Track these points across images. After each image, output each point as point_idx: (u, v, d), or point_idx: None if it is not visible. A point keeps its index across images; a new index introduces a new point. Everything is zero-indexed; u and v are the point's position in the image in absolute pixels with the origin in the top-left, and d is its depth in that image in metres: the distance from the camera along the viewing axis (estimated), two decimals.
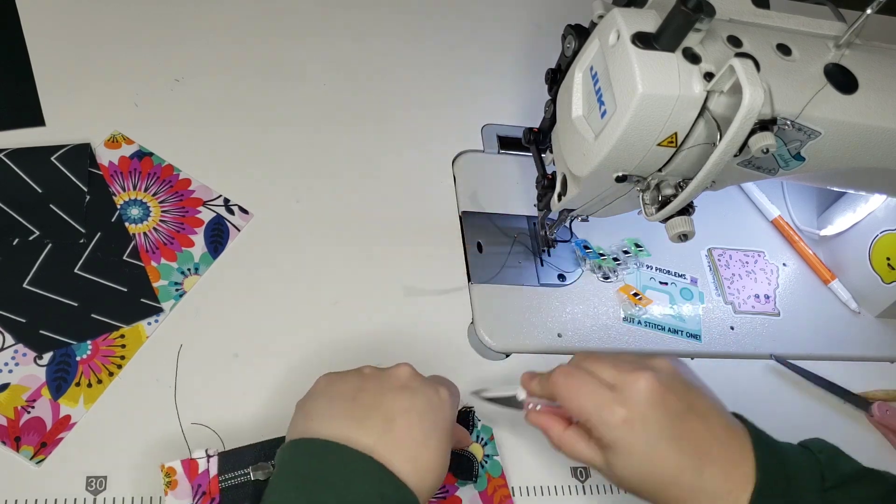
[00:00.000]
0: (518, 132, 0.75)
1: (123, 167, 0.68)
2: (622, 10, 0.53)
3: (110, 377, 0.58)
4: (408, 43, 0.85)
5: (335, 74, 0.80)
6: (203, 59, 0.77)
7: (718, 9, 0.53)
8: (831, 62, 0.56)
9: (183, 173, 0.69)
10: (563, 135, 0.61)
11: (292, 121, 0.76)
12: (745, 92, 0.48)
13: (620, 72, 0.52)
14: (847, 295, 0.80)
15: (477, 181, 0.77)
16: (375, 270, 0.69)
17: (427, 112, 0.80)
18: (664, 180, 0.56)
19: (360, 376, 0.52)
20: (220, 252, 0.66)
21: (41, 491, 0.53)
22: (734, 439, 0.51)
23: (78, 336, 0.59)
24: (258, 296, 0.65)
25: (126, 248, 0.64)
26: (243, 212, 0.68)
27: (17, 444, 0.55)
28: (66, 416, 0.56)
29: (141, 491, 0.55)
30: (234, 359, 0.62)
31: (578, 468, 0.63)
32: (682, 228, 0.57)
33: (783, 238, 0.83)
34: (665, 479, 0.50)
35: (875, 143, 0.57)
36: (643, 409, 0.50)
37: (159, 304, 0.62)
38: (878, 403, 0.72)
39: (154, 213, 0.67)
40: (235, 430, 0.58)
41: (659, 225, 0.58)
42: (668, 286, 0.75)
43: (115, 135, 0.69)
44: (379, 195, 0.73)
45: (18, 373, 0.57)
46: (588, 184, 0.59)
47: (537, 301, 0.71)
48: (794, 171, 0.58)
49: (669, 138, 0.53)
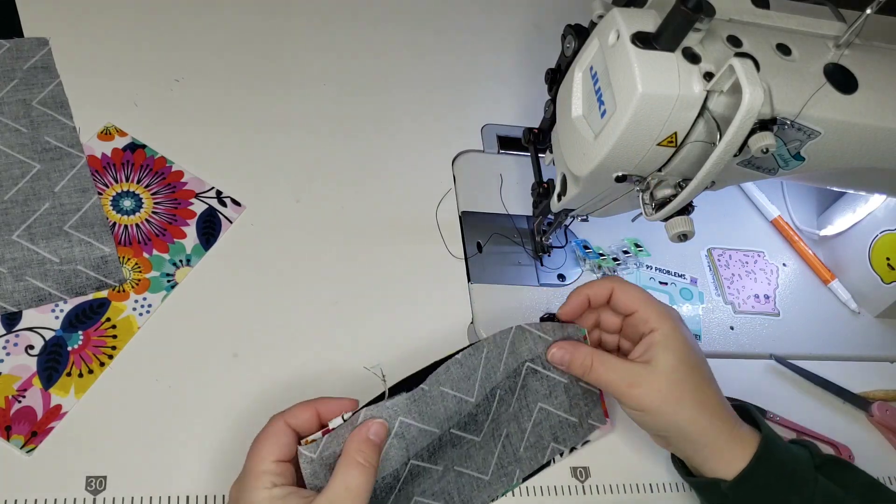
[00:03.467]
0: (518, 132, 0.75)
1: (116, 159, 0.68)
2: (622, 10, 0.53)
3: (101, 367, 0.59)
4: (408, 43, 0.85)
5: (335, 74, 0.80)
6: (203, 59, 0.77)
7: (718, 9, 0.53)
8: (831, 62, 0.56)
9: (175, 165, 0.69)
10: (562, 135, 0.61)
11: (292, 121, 0.76)
12: (744, 92, 0.48)
13: (620, 71, 0.52)
14: (847, 295, 0.80)
15: (477, 181, 0.77)
16: (375, 270, 0.69)
17: (427, 112, 0.80)
18: (664, 180, 0.56)
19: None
20: (213, 244, 0.66)
21: (41, 491, 0.53)
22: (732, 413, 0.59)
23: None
24: (250, 288, 0.65)
25: None
26: (236, 204, 0.69)
27: (7, 433, 0.55)
28: (56, 405, 0.57)
29: (141, 491, 0.55)
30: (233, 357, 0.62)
31: (578, 468, 0.63)
32: (681, 228, 0.57)
33: (783, 238, 0.83)
34: (686, 406, 0.55)
35: (875, 143, 0.57)
36: (682, 328, 0.58)
37: None
38: (878, 403, 0.72)
39: (146, 204, 0.67)
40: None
41: (658, 225, 0.58)
42: (667, 286, 0.75)
43: (108, 127, 0.70)
44: (379, 195, 0.73)
45: (9, 362, 0.58)
46: (588, 183, 0.59)
47: (537, 301, 0.71)
48: (794, 170, 0.58)
49: (669, 138, 0.53)
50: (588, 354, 0.58)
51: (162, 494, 0.55)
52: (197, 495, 0.55)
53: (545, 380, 0.61)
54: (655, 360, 0.56)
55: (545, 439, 0.62)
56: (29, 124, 0.67)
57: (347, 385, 0.63)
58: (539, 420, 0.61)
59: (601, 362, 0.57)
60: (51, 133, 0.67)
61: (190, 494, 0.55)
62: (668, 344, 0.56)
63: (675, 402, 0.55)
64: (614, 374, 0.57)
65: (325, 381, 0.62)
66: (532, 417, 0.61)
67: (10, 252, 0.61)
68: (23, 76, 0.70)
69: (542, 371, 0.61)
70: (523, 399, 0.61)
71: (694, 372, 0.56)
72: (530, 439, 0.61)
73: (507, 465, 0.61)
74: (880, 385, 0.75)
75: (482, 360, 0.57)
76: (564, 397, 0.62)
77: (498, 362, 0.58)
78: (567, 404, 0.62)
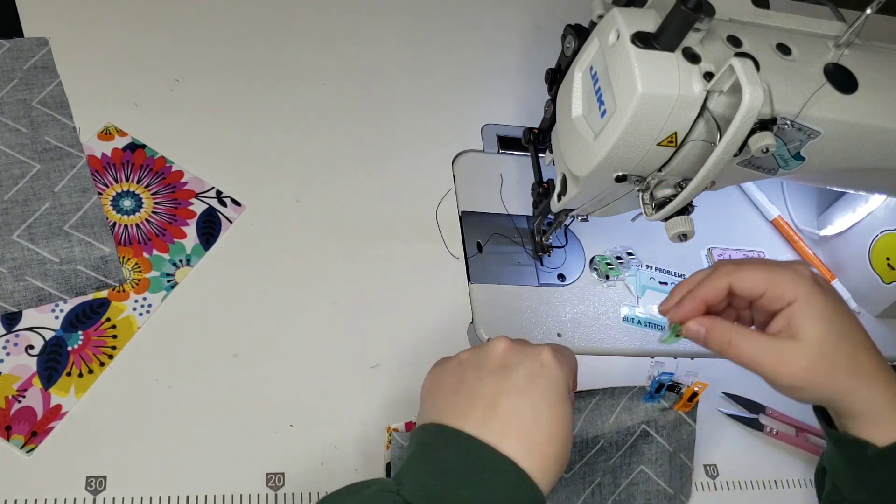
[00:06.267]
0: (518, 132, 0.75)
1: (116, 159, 0.68)
2: (622, 10, 0.53)
3: (101, 367, 0.59)
4: (408, 43, 0.85)
5: (335, 74, 0.80)
6: (203, 59, 0.77)
7: (718, 9, 0.53)
8: (831, 62, 0.56)
9: (175, 165, 0.69)
10: (562, 134, 0.61)
11: (292, 120, 0.76)
12: (744, 92, 0.48)
13: (620, 71, 0.52)
14: (847, 295, 0.80)
15: (477, 181, 0.77)
16: (375, 270, 0.69)
17: (427, 112, 0.80)
18: (664, 180, 0.56)
19: (459, 365, 0.50)
20: (213, 244, 0.66)
21: (41, 491, 0.53)
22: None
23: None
24: (250, 288, 0.65)
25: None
26: (236, 204, 0.69)
27: (7, 433, 0.55)
28: (56, 405, 0.57)
29: (141, 491, 0.55)
30: (233, 357, 0.62)
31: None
32: (681, 228, 0.57)
33: (783, 238, 0.83)
34: (840, 378, 0.51)
35: (875, 143, 0.57)
36: (821, 289, 0.52)
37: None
38: None
39: (146, 204, 0.67)
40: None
41: (658, 225, 0.58)
42: (668, 286, 0.75)
43: (108, 127, 0.70)
44: (379, 195, 0.73)
45: (10, 362, 0.58)
46: (588, 183, 0.59)
47: (537, 301, 0.71)
48: (794, 170, 0.58)
49: (669, 138, 0.53)
50: (727, 329, 0.52)
51: (162, 494, 0.55)
52: (197, 495, 0.55)
53: (655, 445, 0.61)
54: (800, 333, 0.51)
55: (637, 500, 0.61)
56: (29, 124, 0.67)
57: (348, 385, 0.63)
58: (636, 481, 0.61)
59: (742, 337, 0.52)
60: (51, 133, 0.67)
61: (190, 494, 0.55)
62: (811, 312, 0.51)
63: (828, 376, 0.51)
64: (757, 349, 0.52)
65: (325, 381, 0.62)
66: (630, 477, 0.61)
67: (10, 252, 0.61)
68: (23, 76, 0.70)
69: (655, 436, 0.61)
70: (627, 457, 0.60)
71: (845, 337, 0.52)
72: (621, 496, 0.61)
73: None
74: None
75: (591, 405, 0.58)
76: (667, 467, 0.61)
77: (609, 413, 0.59)
78: (668, 474, 0.61)
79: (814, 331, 0.51)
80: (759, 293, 0.53)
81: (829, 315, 0.51)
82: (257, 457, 0.58)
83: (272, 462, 0.58)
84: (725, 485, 0.66)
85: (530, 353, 0.49)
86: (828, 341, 0.51)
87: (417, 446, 0.47)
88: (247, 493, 0.56)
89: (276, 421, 0.60)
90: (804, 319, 0.51)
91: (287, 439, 0.59)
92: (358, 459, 0.59)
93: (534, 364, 0.49)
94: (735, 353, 0.52)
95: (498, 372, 0.48)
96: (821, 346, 0.51)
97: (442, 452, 0.46)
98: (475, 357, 0.50)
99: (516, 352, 0.50)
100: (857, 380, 0.51)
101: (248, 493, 0.56)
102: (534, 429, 0.46)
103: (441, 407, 0.48)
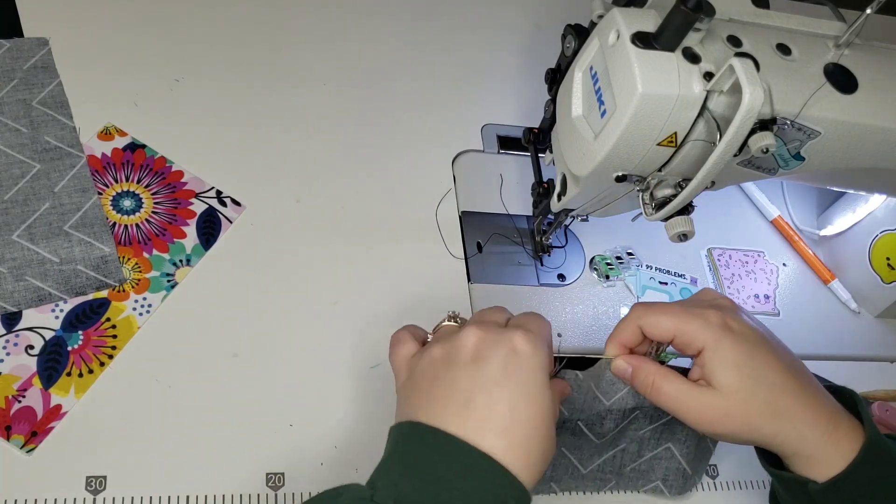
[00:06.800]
0: (518, 132, 0.75)
1: (116, 159, 0.68)
2: (622, 10, 0.53)
3: (101, 367, 0.59)
4: (408, 43, 0.85)
5: (335, 74, 0.80)
6: (203, 59, 0.77)
7: (718, 9, 0.53)
8: (831, 62, 0.56)
9: (175, 165, 0.69)
10: (562, 134, 0.61)
11: (292, 121, 0.76)
12: (744, 92, 0.48)
13: (620, 71, 0.52)
14: (847, 295, 0.80)
15: (477, 181, 0.77)
16: (375, 270, 0.69)
17: (427, 112, 0.80)
18: (664, 180, 0.56)
19: (432, 363, 0.49)
20: (213, 244, 0.66)
21: (41, 491, 0.53)
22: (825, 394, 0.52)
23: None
24: (250, 288, 0.65)
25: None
26: (236, 204, 0.69)
27: (7, 433, 0.55)
28: (56, 405, 0.57)
29: (141, 491, 0.55)
30: (233, 356, 0.62)
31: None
32: (681, 228, 0.57)
33: (783, 238, 0.83)
34: (762, 423, 0.49)
35: (875, 143, 0.57)
36: (731, 335, 0.50)
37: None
38: (878, 403, 0.71)
39: (146, 204, 0.67)
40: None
41: (658, 225, 0.58)
42: (668, 286, 0.75)
43: (108, 126, 0.70)
44: (379, 195, 0.74)
45: (10, 362, 0.58)
46: (588, 183, 0.59)
47: (537, 301, 0.71)
48: (794, 170, 0.58)
49: (669, 138, 0.53)
50: (652, 372, 0.51)
51: (162, 494, 0.55)
52: (197, 495, 0.55)
53: (688, 427, 0.58)
54: (714, 382, 0.50)
55: (655, 473, 0.61)
56: (29, 124, 0.67)
57: (348, 385, 0.63)
58: (660, 456, 0.61)
59: (665, 381, 0.51)
60: (51, 133, 0.67)
61: (190, 494, 0.55)
62: (720, 360, 0.50)
63: (746, 423, 0.50)
64: (678, 395, 0.50)
65: (325, 381, 0.62)
66: (655, 452, 0.61)
67: (10, 252, 0.61)
68: (23, 76, 0.70)
69: None
70: (658, 432, 0.60)
71: (760, 382, 0.50)
72: (641, 466, 0.61)
73: (606, 472, 0.61)
74: (880, 385, 0.75)
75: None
76: (694, 449, 0.61)
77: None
78: (691, 456, 0.61)
79: (725, 380, 0.49)
80: (669, 338, 0.52)
81: (737, 362, 0.50)
82: (257, 457, 0.58)
83: (272, 462, 0.58)
84: (725, 485, 0.66)
85: (502, 342, 0.47)
86: (741, 389, 0.49)
87: (392, 446, 0.46)
88: (247, 493, 0.56)
89: (276, 421, 0.60)
90: (715, 368, 0.50)
91: (287, 439, 0.59)
92: (358, 459, 0.59)
93: (507, 353, 0.47)
94: (656, 396, 0.51)
95: (471, 366, 0.47)
96: (735, 395, 0.49)
97: (418, 452, 0.45)
98: (446, 352, 0.49)
99: (488, 342, 0.48)
100: (779, 423, 0.50)
101: (248, 493, 0.56)
102: (513, 423, 0.45)
103: (416, 405, 0.47)
